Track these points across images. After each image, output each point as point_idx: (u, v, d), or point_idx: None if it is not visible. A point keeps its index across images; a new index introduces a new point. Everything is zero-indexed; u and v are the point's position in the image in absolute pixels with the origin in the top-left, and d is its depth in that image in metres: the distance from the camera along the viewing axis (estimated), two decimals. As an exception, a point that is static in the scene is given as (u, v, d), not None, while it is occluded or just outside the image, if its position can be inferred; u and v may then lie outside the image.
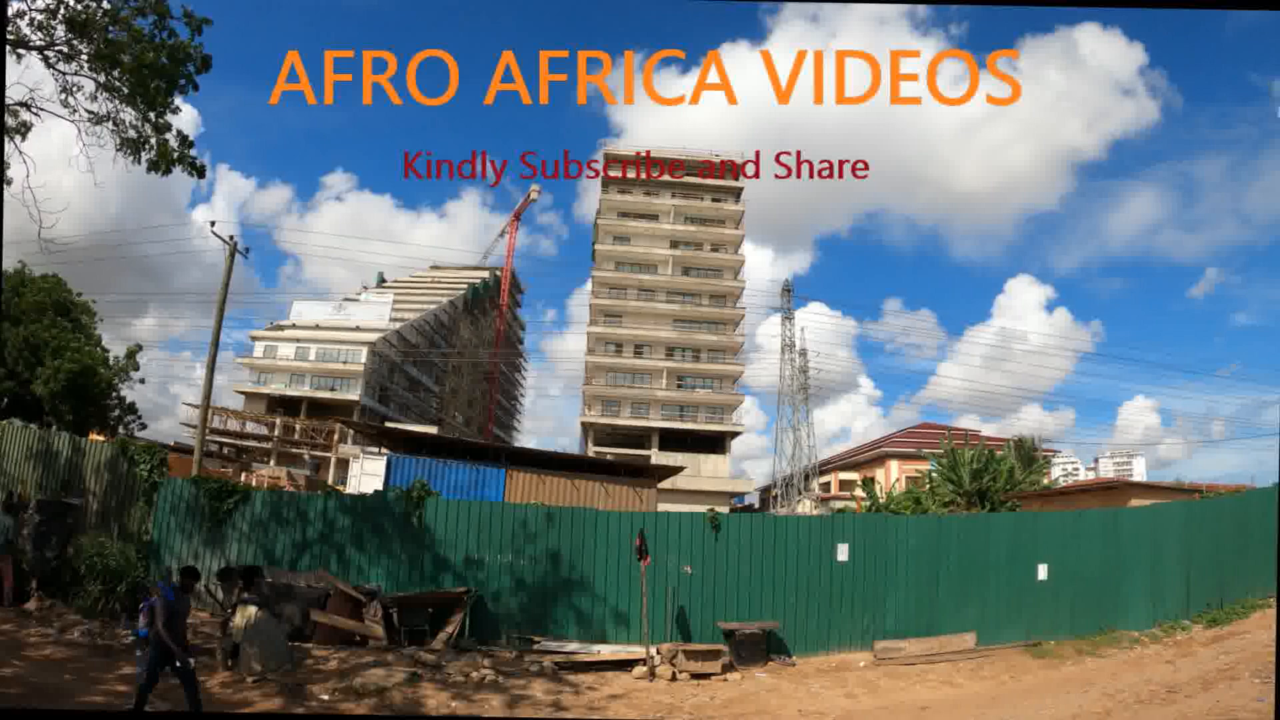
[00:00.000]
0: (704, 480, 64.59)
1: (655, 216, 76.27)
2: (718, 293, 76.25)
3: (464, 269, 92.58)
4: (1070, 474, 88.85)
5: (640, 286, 75.08)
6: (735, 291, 76.49)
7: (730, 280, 76.63)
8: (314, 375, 69.51)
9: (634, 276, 75.08)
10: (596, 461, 38.36)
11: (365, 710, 12.24)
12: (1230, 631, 17.38)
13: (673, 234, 75.90)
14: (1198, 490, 25.26)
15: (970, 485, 34.84)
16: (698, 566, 16.94)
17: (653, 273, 75.49)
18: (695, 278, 76.03)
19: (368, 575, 16.85)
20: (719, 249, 77.22)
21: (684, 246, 76.17)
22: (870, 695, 14.48)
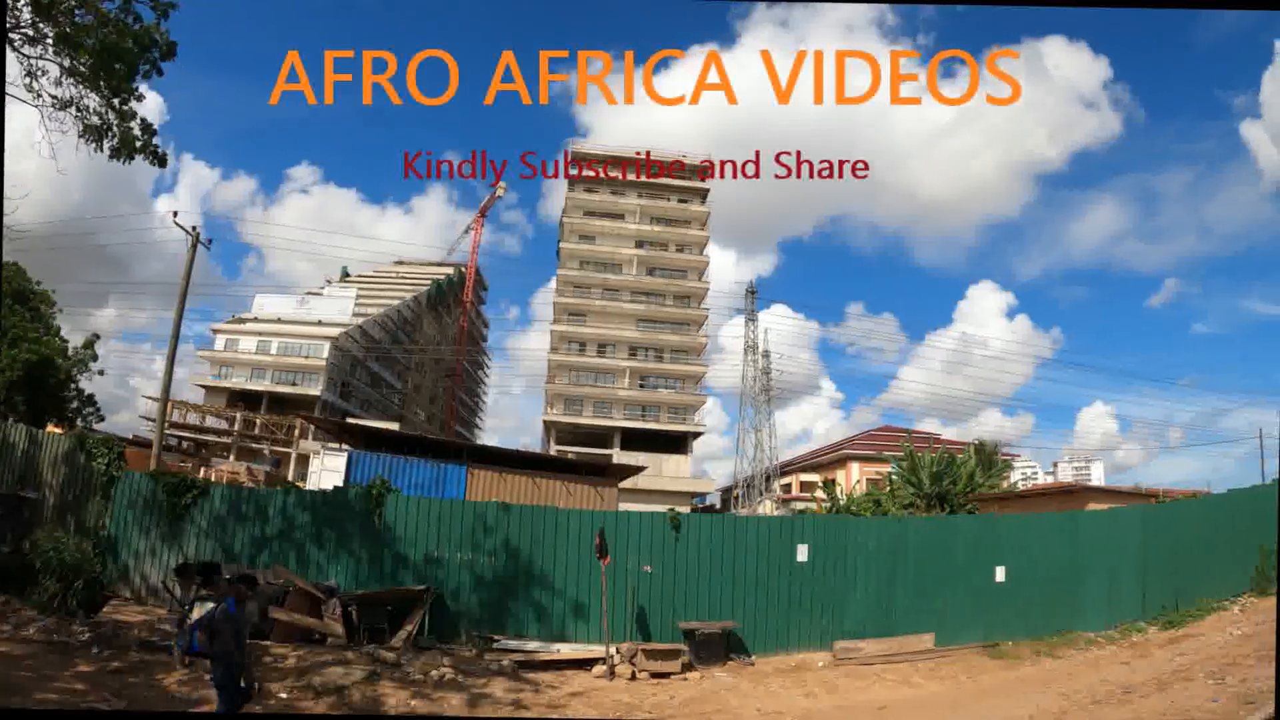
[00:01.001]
0: (666, 480, 64.63)
1: (621, 216, 76.26)
2: (682, 293, 76.32)
3: (428, 265, 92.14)
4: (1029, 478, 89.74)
5: (605, 286, 75.03)
6: (699, 292, 76.62)
7: (695, 281, 76.73)
8: (275, 369, 68.92)
9: (599, 275, 75.02)
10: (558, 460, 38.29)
11: (324, 708, 12.14)
12: (1186, 634, 17.57)
13: (638, 234, 75.91)
14: (1154, 495, 25.60)
15: (930, 488, 35.02)
16: (658, 566, 16.94)
17: (617, 272, 75.46)
18: (660, 278, 76.07)
19: (327, 572, 16.71)
20: (684, 249, 77.29)
21: (649, 246, 76.18)
22: (829, 695, 14.53)
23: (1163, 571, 18.94)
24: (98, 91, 15.50)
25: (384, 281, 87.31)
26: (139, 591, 17.19)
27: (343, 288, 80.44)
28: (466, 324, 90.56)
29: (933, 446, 41.36)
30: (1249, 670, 14.18)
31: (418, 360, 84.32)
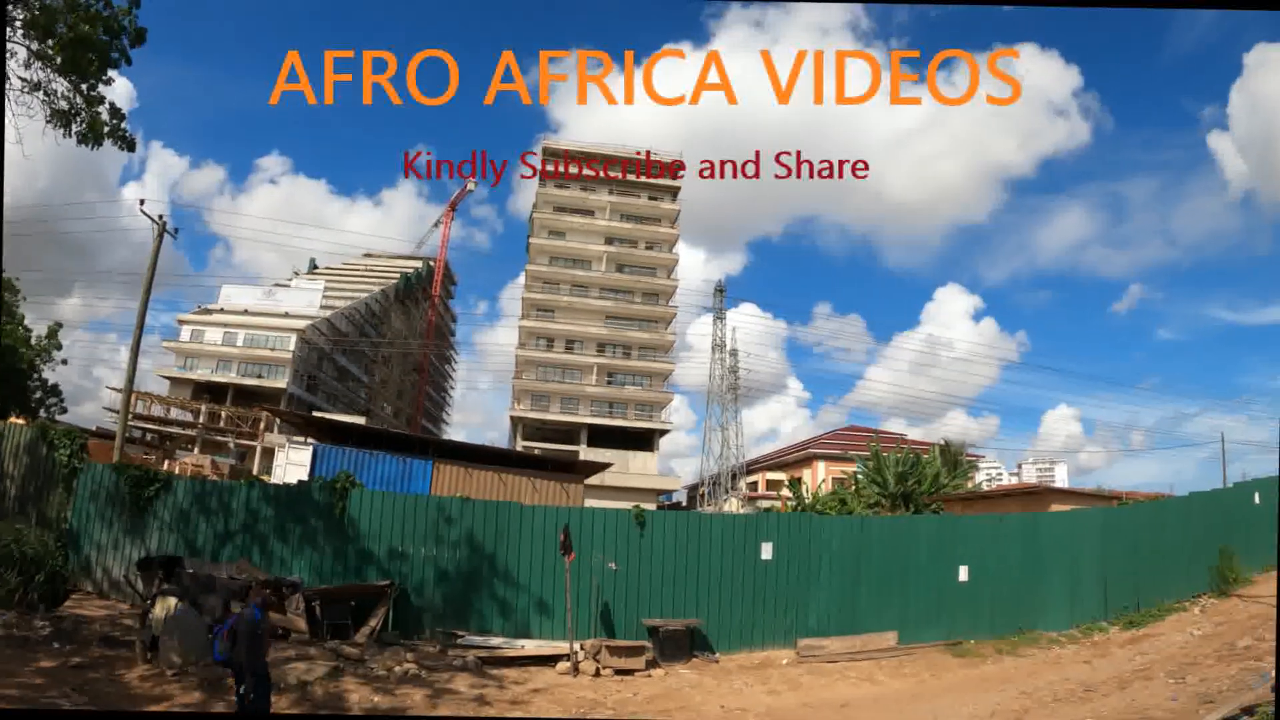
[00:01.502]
0: (632, 477, 64.59)
1: (591, 212, 76.12)
2: (651, 290, 76.29)
3: (397, 258, 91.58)
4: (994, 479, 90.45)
5: (574, 282, 74.89)
6: (668, 290, 76.62)
7: (663, 279, 76.72)
8: (241, 361, 68.27)
9: (568, 271, 74.84)
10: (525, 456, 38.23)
11: (286, 704, 12.04)
12: (1146, 634, 17.80)
13: (608, 230, 75.80)
14: (1117, 497, 25.83)
15: (895, 488, 35.24)
16: (623, 563, 16.94)
17: (586, 268, 75.31)
18: (629, 275, 76.00)
19: (290, 567, 16.55)
20: (653, 247, 77.24)
21: (619, 243, 76.10)
22: (793, 692, 14.59)
23: (1124, 572, 19.17)
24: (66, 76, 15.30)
25: (352, 274, 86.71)
26: (101, 585, 17.02)
27: (310, 280, 79.73)
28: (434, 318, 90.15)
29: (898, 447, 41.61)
30: (1209, 670, 14.37)
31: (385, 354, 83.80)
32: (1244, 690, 12.24)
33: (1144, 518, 20.89)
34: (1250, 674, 13.35)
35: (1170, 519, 20.94)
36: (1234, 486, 27.79)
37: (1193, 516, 21.18)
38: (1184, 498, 23.86)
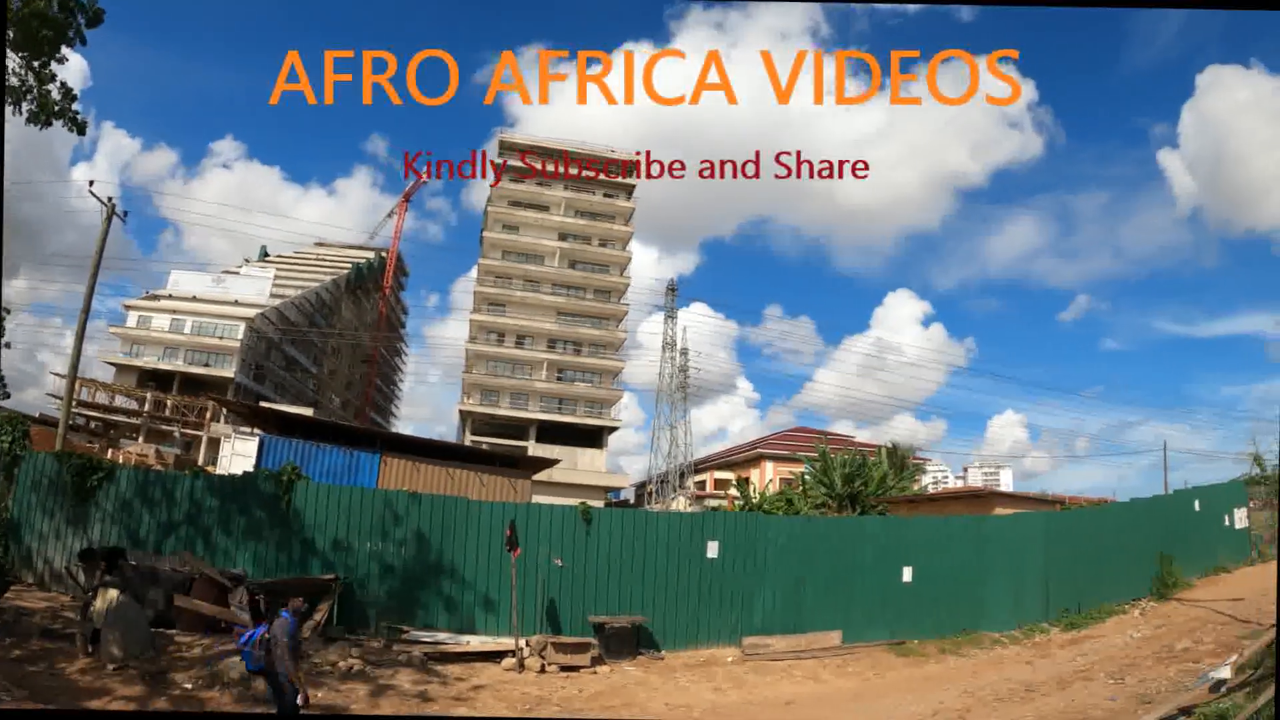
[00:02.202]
0: (580, 474, 64.53)
1: (546, 208, 75.87)
2: (603, 288, 76.21)
3: (349, 248, 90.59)
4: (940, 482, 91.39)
5: (526, 277, 74.63)
6: (620, 287, 76.58)
7: (616, 276, 76.68)
8: (189, 349, 67.11)
9: (521, 266, 74.56)
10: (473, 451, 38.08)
11: (229, 699, 11.89)
12: (1087, 635, 18.08)
13: (562, 226, 75.61)
14: (1060, 501, 26.20)
15: (842, 489, 35.42)
16: (569, 559, 16.91)
17: (540, 264, 75.07)
18: (582, 271, 75.88)
19: (234, 560, 16.31)
20: (607, 244, 77.19)
21: (573, 239, 75.96)
22: (737, 690, 14.66)
23: (1066, 575, 19.46)
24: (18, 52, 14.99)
25: (303, 263, 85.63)
26: (42, 577, 16.68)
27: (261, 268, 78.55)
28: (385, 310, 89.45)
29: (846, 448, 41.88)
30: (1148, 671, 14.62)
31: (334, 345, 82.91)
32: (1182, 691, 12.45)
33: (1086, 522, 21.21)
34: (1188, 675, 13.60)
35: (1112, 524, 21.27)
36: (1175, 494, 28.34)
37: (1134, 522, 21.53)
38: (1126, 503, 24.30)
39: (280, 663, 9.43)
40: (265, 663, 9.58)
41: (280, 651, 9.41)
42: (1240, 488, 26.09)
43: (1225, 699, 11.12)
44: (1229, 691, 11.46)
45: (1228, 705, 10.64)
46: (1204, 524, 22.93)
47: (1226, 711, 10.36)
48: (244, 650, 9.82)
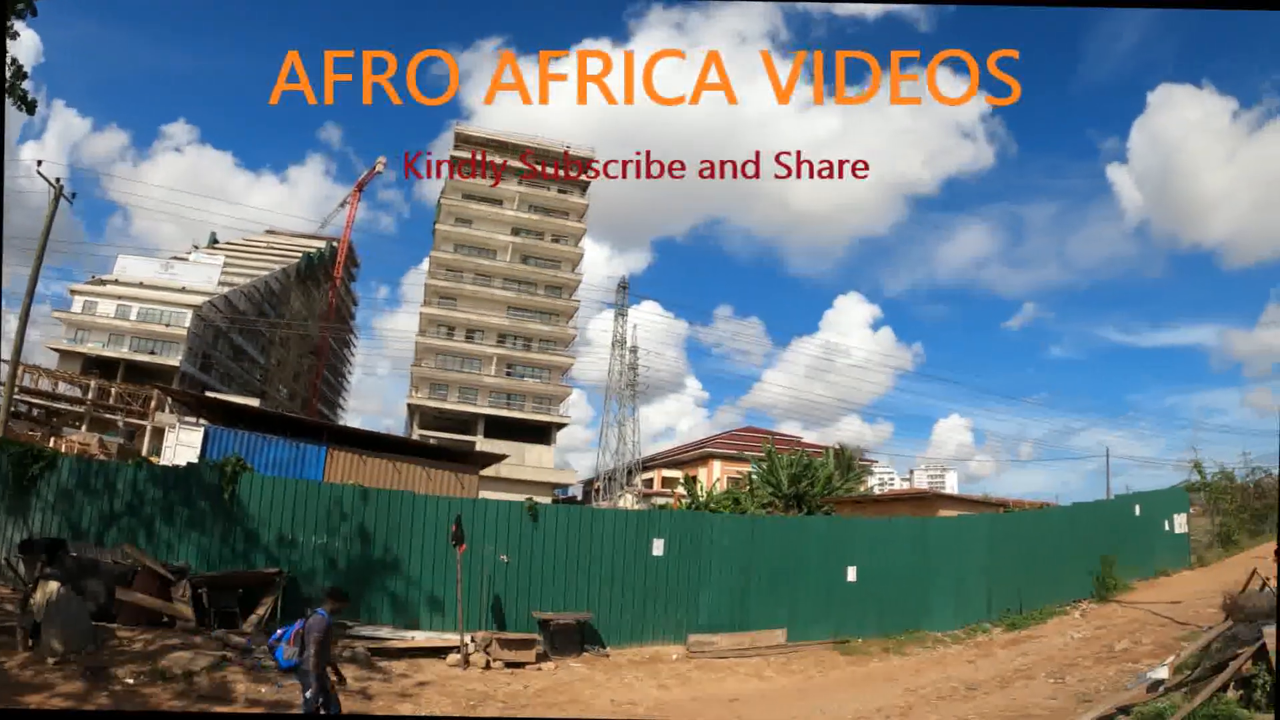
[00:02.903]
0: (528, 470, 64.47)
1: (500, 202, 75.60)
2: (554, 284, 76.13)
3: (300, 236, 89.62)
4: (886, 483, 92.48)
5: (478, 271, 74.36)
6: (572, 284, 76.54)
7: (568, 272, 76.64)
8: (134, 336, 65.94)
9: (472, 260, 74.27)
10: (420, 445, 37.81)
11: (170, 695, 11.72)
12: (1029, 635, 18.37)
13: (516, 221, 75.42)
14: (1003, 504, 26.60)
15: (788, 489, 35.71)
16: (515, 555, 16.87)
17: (492, 258, 74.83)
18: (534, 266, 75.72)
19: (178, 552, 16.02)
20: (560, 240, 77.12)
21: (525, 234, 75.80)
22: (682, 686, 14.70)
23: (1008, 576, 19.76)
24: None
25: (253, 251, 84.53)
26: (-20, 569, 16.36)
27: (210, 254, 77.37)
28: (335, 300, 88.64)
29: (793, 449, 42.17)
30: (1087, 670, 14.87)
31: (283, 335, 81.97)
32: (1120, 691, 12.67)
33: (1029, 525, 21.56)
34: (1127, 675, 13.84)
35: (1054, 527, 21.63)
36: (1116, 499, 28.86)
37: (1076, 525, 21.91)
38: (1068, 507, 24.69)
39: (308, 660, 9.38)
40: (300, 660, 9.46)
41: (312, 649, 9.36)
42: (1181, 494, 26.69)
43: (1163, 699, 11.32)
44: (1166, 691, 11.68)
45: (1165, 705, 10.84)
46: (1145, 529, 23.40)
47: (1163, 711, 10.56)
48: (277, 647, 9.69)
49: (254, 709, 11.62)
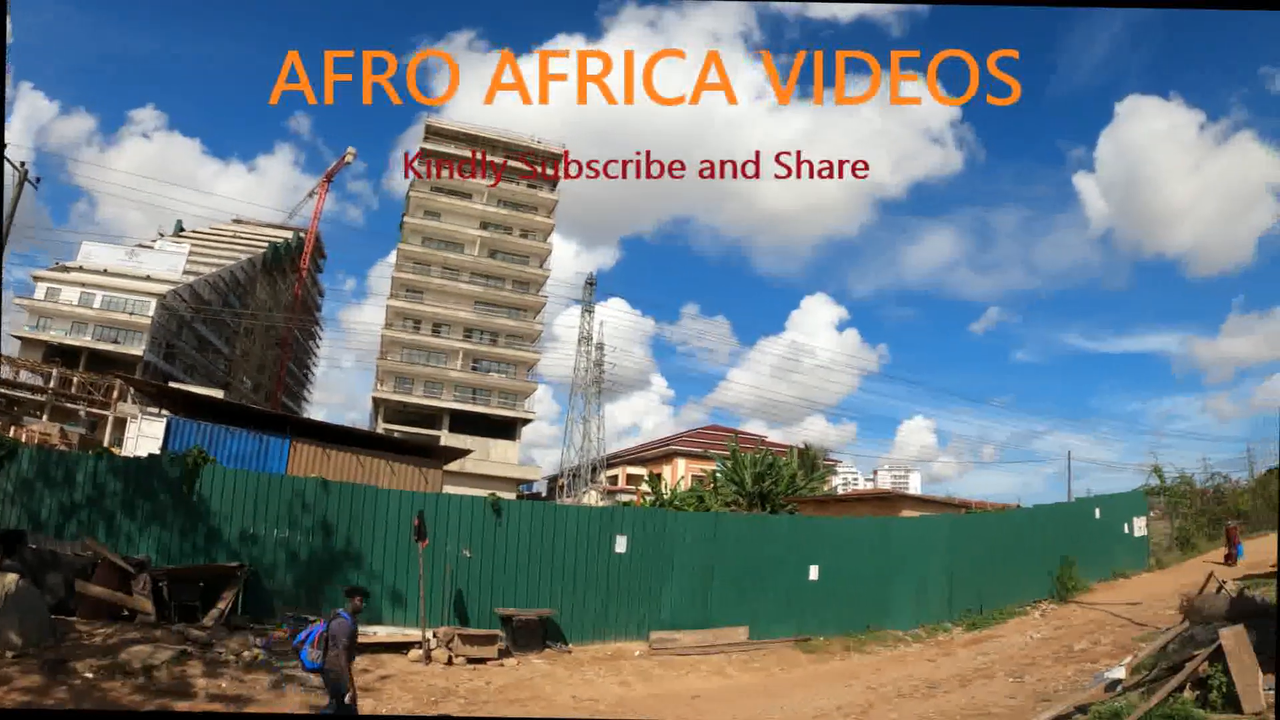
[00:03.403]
0: (492, 465, 64.26)
1: (469, 195, 75.16)
2: (522, 279, 75.87)
3: (267, 226, 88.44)
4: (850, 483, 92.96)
5: (446, 264, 73.96)
6: (539, 279, 76.30)
7: (536, 268, 76.39)
8: (98, 324, 64.92)
9: (440, 254, 73.84)
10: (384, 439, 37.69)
11: (130, 689, 11.61)
12: (989, 635, 18.59)
13: (484, 215, 75.06)
14: (965, 505, 26.84)
15: (752, 487, 35.82)
16: (478, 551, 16.86)
17: (459, 252, 74.43)
18: (501, 261, 75.40)
19: (138, 545, 15.83)
20: (528, 235, 76.87)
21: (494, 229, 75.46)
22: (644, 683, 14.74)
23: (969, 576, 19.97)
24: None
25: (219, 240, 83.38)
26: (-64, 561, 16.10)
27: (175, 243, 76.26)
28: (301, 292, 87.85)
29: (758, 447, 42.32)
30: (1046, 670, 15.07)
31: (248, 326, 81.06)
32: (1079, 690, 12.86)
33: (990, 526, 21.78)
34: (1085, 675, 14.04)
35: (1015, 529, 21.88)
36: (1077, 501, 29.24)
37: (1036, 527, 22.17)
38: (1029, 509, 24.99)
39: (334, 661, 9.42)
40: (324, 661, 9.51)
41: (337, 651, 9.41)
42: (1140, 498, 27.10)
43: (1120, 698, 11.48)
44: (1124, 691, 11.86)
45: (1122, 704, 10.98)
46: (1104, 531, 23.73)
47: (1120, 710, 10.69)
48: (301, 649, 9.76)
49: (214, 704, 11.54)
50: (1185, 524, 29.72)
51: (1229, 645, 10.85)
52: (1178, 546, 28.30)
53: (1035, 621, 19.57)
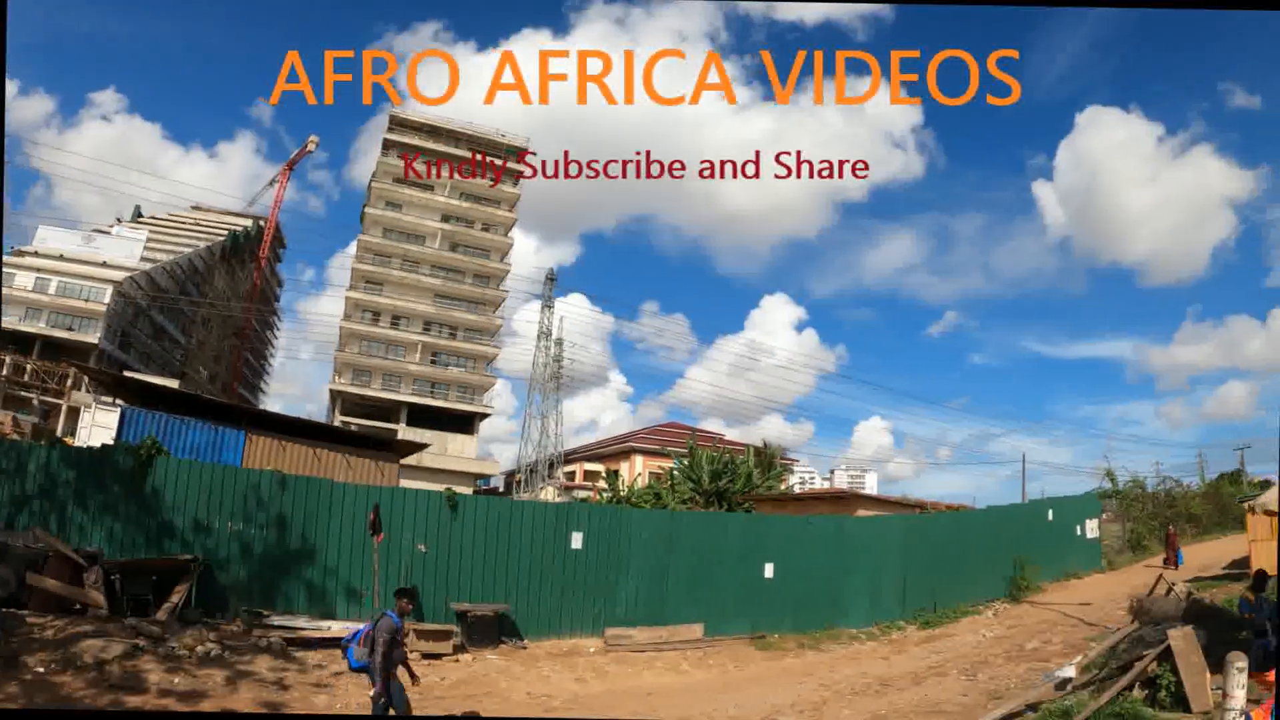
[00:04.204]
0: (450, 460, 64.02)
1: (431, 187, 74.70)
2: (483, 273, 75.59)
3: (227, 214, 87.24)
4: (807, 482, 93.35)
5: (406, 257, 73.50)
6: (500, 273, 76.04)
7: (497, 262, 76.13)
8: (52, 311, 64.02)
9: (401, 246, 73.38)
10: (341, 432, 37.40)
11: (82, 684, 11.48)
12: (942, 633, 18.82)
13: (446, 207, 74.68)
14: (921, 506, 27.13)
15: (709, 485, 35.94)
16: (434, 546, 16.83)
17: (421, 244, 74.02)
18: (462, 255, 75.06)
19: (90, 536, 15.53)
20: (490, 229, 76.54)
21: (455, 222, 75.09)
22: (599, 680, 14.78)
23: (923, 576, 20.20)
24: None
25: (178, 226, 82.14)
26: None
27: (133, 228, 74.90)
28: (260, 281, 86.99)
29: (715, 445, 42.49)
30: (999, 668, 15.28)
31: (205, 315, 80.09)
32: (1030, 688, 13.05)
33: (944, 526, 22.05)
34: (1037, 673, 14.27)
35: (969, 529, 22.16)
36: (1031, 503, 29.67)
37: (991, 528, 22.45)
38: (983, 510, 25.35)
39: (376, 661, 9.61)
40: (370, 660, 9.69)
41: (379, 650, 9.57)
42: (1093, 500, 27.56)
43: (1070, 697, 11.69)
44: (1074, 690, 12.08)
45: (1072, 702, 11.18)
46: (1058, 533, 24.08)
47: (1071, 708, 10.88)
48: (348, 648, 9.98)
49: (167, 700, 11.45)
50: (1137, 526, 30.24)
51: (1178, 646, 11.08)
52: (1129, 548, 28.79)
53: (988, 621, 19.83)
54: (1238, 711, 7.92)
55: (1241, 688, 8.19)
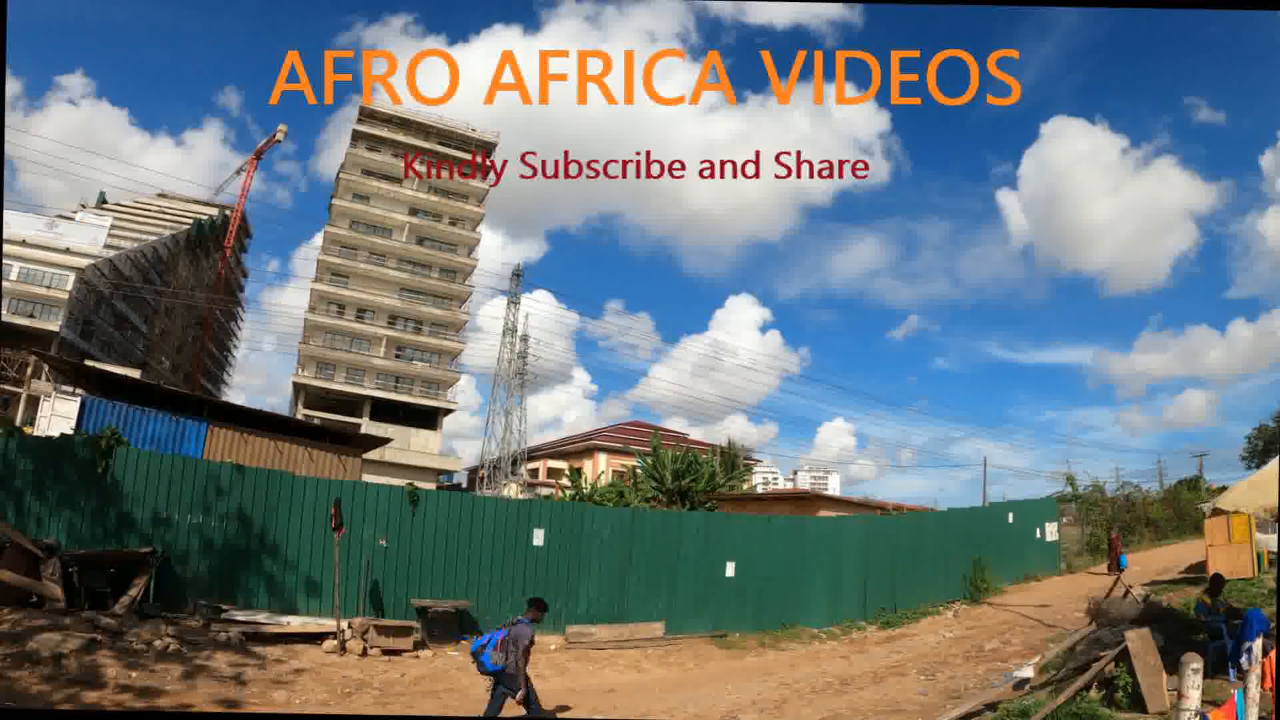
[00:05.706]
0: (413, 455, 63.80)
1: (399, 180, 74.40)
2: (449, 267, 75.31)
3: (193, 202, 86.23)
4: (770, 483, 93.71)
5: (373, 249, 73.09)
6: (466, 268, 75.78)
7: (463, 257, 75.87)
8: (13, 297, 63.10)
9: (368, 238, 72.95)
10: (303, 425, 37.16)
11: (38, 678, 11.33)
12: (902, 633, 19.01)
13: (414, 201, 74.29)
14: (882, 507, 27.37)
15: (673, 484, 35.98)
16: (395, 541, 16.80)
17: (388, 237, 73.64)
18: (429, 249, 74.73)
19: (48, 528, 15.29)
20: (457, 223, 76.25)
21: (423, 215, 74.73)
22: (560, 677, 14.82)
23: (884, 576, 20.40)
24: None
25: (143, 214, 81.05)
26: None
27: (97, 215, 73.69)
28: (225, 271, 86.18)
29: (679, 444, 42.58)
30: (958, 668, 15.44)
31: (168, 304, 79.20)
32: (989, 688, 13.21)
33: (905, 528, 22.23)
34: (996, 673, 14.46)
35: (930, 531, 22.36)
36: (991, 506, 30.04)
37: (951, 530, 22.68)
38: (943, 512, 25.58)
39: (513, 665, 10.16)
40: (505, 664, 10.19)
41: (518, 654, 10.12)
42: (1053, 504, 27.93)
43: (1028, 697, 11.83)
44: (1032, 690, 12.24)
45: (1030, 702, 11.30)
46: (1017, 535, 24.38)
47: (1028, 708, 11.00)
48: (483, 652, 10.37)
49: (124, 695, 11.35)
50: (1096, 530, 30.64)
51: (1134, 647, 11.23)
52: (1088, 551, 29.15)
53: (948, 621, 20.03)
54: (1193, 712, 8.03)
55: (1196, 688, 8.31)
